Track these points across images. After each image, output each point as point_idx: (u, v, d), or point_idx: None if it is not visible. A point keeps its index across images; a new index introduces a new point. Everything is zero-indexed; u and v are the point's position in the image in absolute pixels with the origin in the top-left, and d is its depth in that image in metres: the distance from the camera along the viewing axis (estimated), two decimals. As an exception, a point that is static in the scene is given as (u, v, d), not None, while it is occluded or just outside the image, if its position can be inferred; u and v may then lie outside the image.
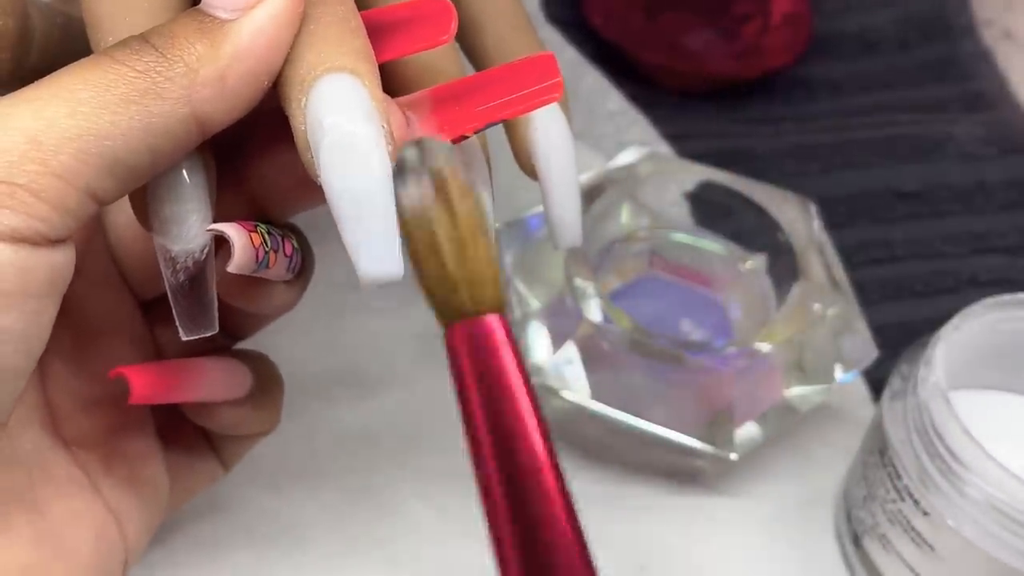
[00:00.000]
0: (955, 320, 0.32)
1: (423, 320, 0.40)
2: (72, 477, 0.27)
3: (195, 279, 0.24)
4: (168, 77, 0.22)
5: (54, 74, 0.22)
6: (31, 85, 0.22)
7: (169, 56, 0.23)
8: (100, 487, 0.28)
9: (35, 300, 0.22)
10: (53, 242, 0.22)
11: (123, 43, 0.23)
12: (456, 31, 0.25)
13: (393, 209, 0.22)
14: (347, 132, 0.22)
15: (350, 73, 0.23)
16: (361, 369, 0.38)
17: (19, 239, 0.21)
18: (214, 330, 0.25)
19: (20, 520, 0.25)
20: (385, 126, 0.23)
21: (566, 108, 0.29)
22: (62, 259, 0.23)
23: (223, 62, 0.23)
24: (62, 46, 0.29)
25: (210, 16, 0.23)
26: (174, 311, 0.24)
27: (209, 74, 0.23)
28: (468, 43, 0.29)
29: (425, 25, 0.25)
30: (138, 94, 0.22)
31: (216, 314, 0.25)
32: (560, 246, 0.29)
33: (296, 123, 0.23)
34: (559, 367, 0.35)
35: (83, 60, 0.23)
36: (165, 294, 0.29)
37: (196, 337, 0.25)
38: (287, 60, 0.23)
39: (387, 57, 0.25)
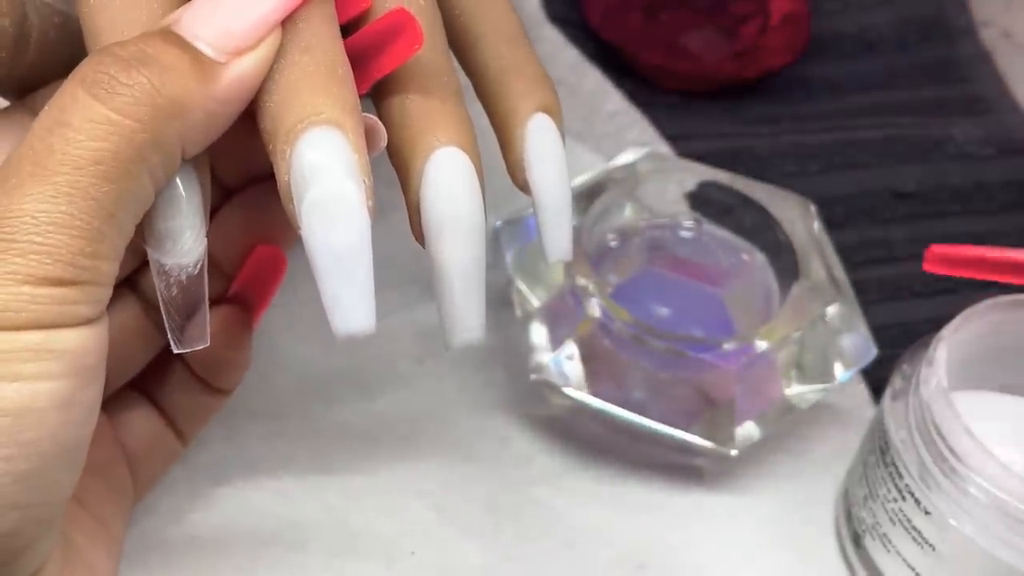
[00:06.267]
0: (957, 320, 0.32)
1: (424, 320, 0.40)
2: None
3: (188, 293, 0.24)
4: (161, 118, 0.23)
5: (51, 146, 0.22)
6: (35, 171, 0.22)
7: (164, 92, 0.23)
8: (86, 504, 0.28)
9: (102, 367, 0.23)
10: (104, 312, 0.23)
11: (107, 77, 0.22)
12: (424, 37, 0.25)
13: (370, 266, 0.23)
14: (329, 189, 0.23)
15: (335, 127, 0.23)
16: (362, 369, 0.38)
17: (90, 323, 0.23)
18: (206, 343, 0.25)
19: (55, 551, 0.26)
20: (366, 180, 0.23)
21: (559, 120, 0.29)
22: (106, 323, 0.24)
23: (212, 104, 0.23)
24: (59, 45, 0.29)
25: (196, 49, 0.23)
26: (166, 325, 0.25)
27: (199, 116, 0.23)
28: (463, 57, 0.29)
29: (396, 40, 0.25)
30: (142, 150, 0.22)
31: (208, 328, 0.25)
32: (550, 260, 0.29)
33: (280, 174, 0.23)
34: (560, 365, 0.35)
35: (72, 118, 0.22)
36: None
37: (188, 351, 0.25)
38: (274, 108, 0.24)
39: (369, 83, 0.25)
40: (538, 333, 0.36)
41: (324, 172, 0.23)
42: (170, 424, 0.32)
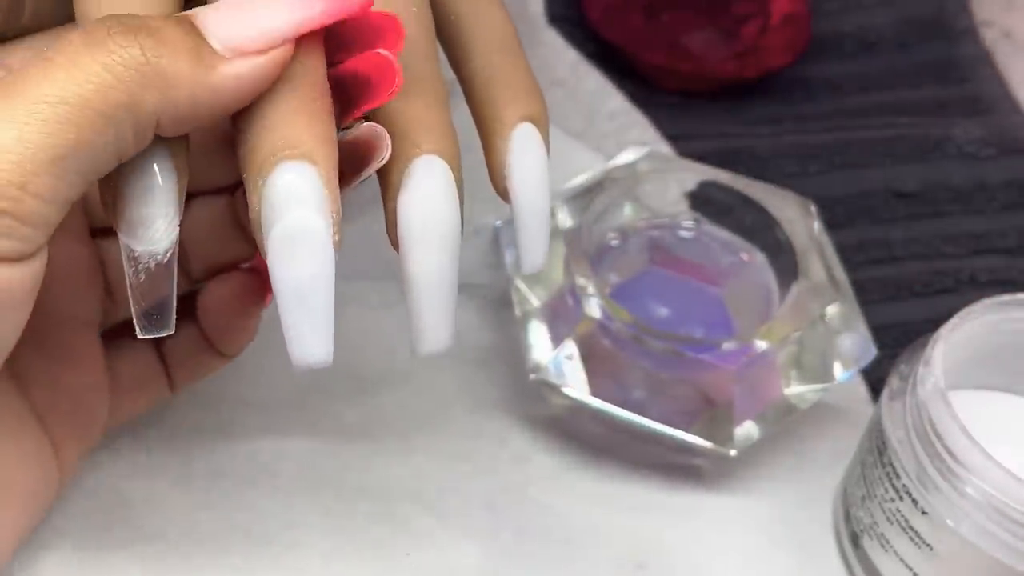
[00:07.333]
0: (954, 320, 0.32)
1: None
2: (21, 415, 0.28)
3: (156, 280, 0.24)
4: (144, 86, 0.22)
5: (28, 75, 0.22)
6: (5, 94, 0.22)
7: (153, 63, 0.23)
8: (44, 420, 0.29)
9: (15, 311, 0.23)
10: (33, 254, 0.23)
11: (106, 33, 0.23)
12: (400, 84, 0.25)
13: (331, 301, 0.23)
14: (297, 224, 0.23)
15: (308, 161, 0.23)
16: (361, 367, 0.38)
17: (2, 260, 0.22)
18: (170, 331, 0.25)
19: None
20: (335, 215, 0.23)
21: (544, 131, 0.29)
22: (39, 264, 0.23)
23: (199, 92, 0.23)
24: (53, 11, 0.30)
25: (204, 39, 0.23)
26: (132, 309, 0.25)
27: (183, 99, 0.23)
28: (454, 62, 0.29)
29: (373, 86, 0.25)
30: (114, 108, 0.22)
31: (174, 316, 0.25)
32: (524, 271, 0.29)
33: (252, 203, 0.23)
34: (559, 364, 0.35)
35: (59, 56, 0.22)
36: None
37: (151, 336, 0.25)
38: (251, 138, 0.24)
39: (346, 120, 0.25)
40: (537, 332, 0.36)
41: (293, 206, 0.23)
42: (166, 370, 0.33)
